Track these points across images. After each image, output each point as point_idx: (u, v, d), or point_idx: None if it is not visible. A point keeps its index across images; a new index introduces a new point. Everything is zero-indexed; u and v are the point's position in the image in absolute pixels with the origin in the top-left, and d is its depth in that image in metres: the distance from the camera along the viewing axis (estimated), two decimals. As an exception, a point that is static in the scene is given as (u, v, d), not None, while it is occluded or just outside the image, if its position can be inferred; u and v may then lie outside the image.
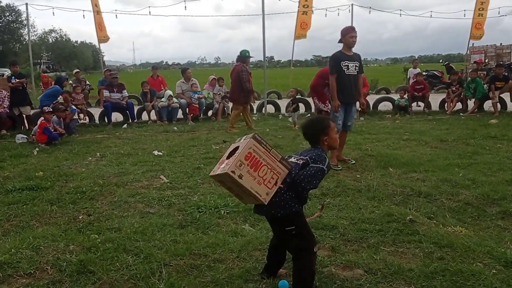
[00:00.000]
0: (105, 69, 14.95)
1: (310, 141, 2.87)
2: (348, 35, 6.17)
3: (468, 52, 17.98)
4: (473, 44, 17.67)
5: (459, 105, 12.21)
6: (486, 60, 18.91)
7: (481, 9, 15.53)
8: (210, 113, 12.20)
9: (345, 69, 6.17)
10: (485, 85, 11.82)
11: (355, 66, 6.24)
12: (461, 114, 11.52)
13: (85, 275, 3.09)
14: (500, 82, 11.69)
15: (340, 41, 6.25)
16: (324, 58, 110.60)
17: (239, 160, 2.54)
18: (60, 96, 9.94)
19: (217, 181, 2.81)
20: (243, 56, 9.88)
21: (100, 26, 14.28)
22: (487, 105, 11.78)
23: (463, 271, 3.01)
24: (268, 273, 3.02)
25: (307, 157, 2.71)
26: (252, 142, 2.59)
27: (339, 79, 6.19)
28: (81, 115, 11.17)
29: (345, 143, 6.76)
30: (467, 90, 11.90)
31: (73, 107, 10.07)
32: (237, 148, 2.65)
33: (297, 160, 2.74)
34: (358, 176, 5.64)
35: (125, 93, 11.63)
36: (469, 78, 12.05)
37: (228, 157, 2.66)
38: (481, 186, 5.00)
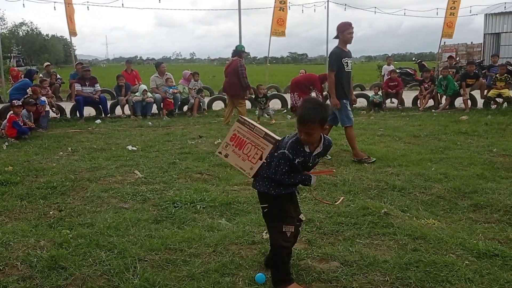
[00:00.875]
0: (77, 62, 14.62)
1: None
2: (346, 31, 6.07)
3: (439, 51, 18.37)
4: (444, 42, 18.10)
5: (431, 102, 12.45)
6: (457, 59, 19.38)
7: (453, 8, 15.88)
8: (185, 108, 12.08)
9: (345, 66, 6.09)
10: (457, 83, 12.09)
11: (351, 62, 6.22)
12: (433, 110, 11.75)
13: (57, 271, 3.01)
14: (470, 79, 11.98)
15: (336, 37, 6.15)
16: (300, 55, 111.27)
17: (225, 142, 2.90)
18: (30, 88, 9.64)
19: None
20: (239, 51, 9.84)
21: (71, 19, 13.94)
22: (458, 102, 12.05)
23: (436, 262, 3.06)
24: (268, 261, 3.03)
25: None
26: (236, 124, 2.88)
27: (339, 76, 6.09)
28: (53, 109, 10.85)
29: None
30: (439, 87, 12.15)
31: (42, 98, 9.77)
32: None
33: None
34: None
35: (98, 87, 11.38)
36: (441, 76, 12.30)
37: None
38: (453, 180, 5.11)
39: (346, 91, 6.21)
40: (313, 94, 11.62)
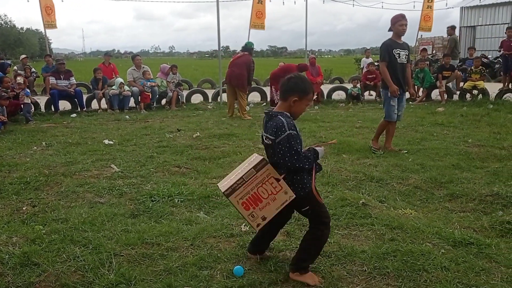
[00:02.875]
0: (46, 55, 14.28)
1: (281, 92, 2.74)
2: (398, 23, 5.97)
3: (416, 44, 18.56)
4: (421, 36, 18.26)
5: (407, 94, 12.56)
6: (434, 52, 19.63)
7: (429, 0, 16.03)
8: (163, 101, 11.92)
9: (397, 57, 5.98)
10: (433, 75, 12.25)
11: (406, 54, 6.08)
12: (410, 102, 11.86)
13: (29, 268, 2.93)
14: (447, 71, 12.15)
15: (390, 30, 6.07)
16: (279, 48, 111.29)
17: (248, 216, 2.68)
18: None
19: None
20: (249, 48, 10.22)
21: (46, 10, 13.56)
22: (435, 94, 12.22)
23: (413, 251, 3.09)
24: (255, 248, 3.03)
25: (271, 136, 2.63)
26: (232, 198, 2.65)
27: (392, 67, 6.00)
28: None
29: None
30: (415, 79, 12.27)
31: (27, 90, 9.57)
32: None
33: (266, 140, 2.72)
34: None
35: (73, 80, 11.12)
36: (418, 68, 12.44)
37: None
38: (429, 170, 5.17)
39: (402, 84, 6.11)
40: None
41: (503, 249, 3.16)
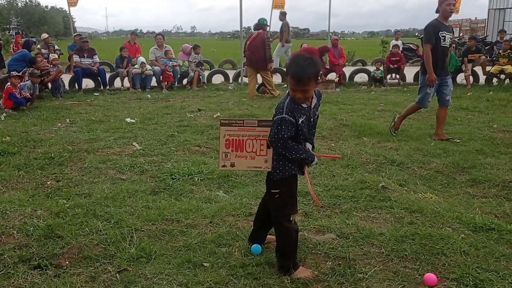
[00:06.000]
0: (75, 34, 14.39)
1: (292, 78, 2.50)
2: (445, 2, 5.54)
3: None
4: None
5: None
6: (461, 34, 19.09)
7: (458, -19, 15.50)
8: (185, 81, 11.96)
9: (442, 40, 5.60)
10: (459, 59, 11.94)
11: (450, 38, 5.73)
12: (434, 86, 11.63)
13: (53, 240, 3.02)
14: (472, 54, 11.82)
15: (437, 11, 5.70)
16: (301, 30, 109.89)
17: (222, 153, 2.67)
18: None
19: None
20: (262, 24, 10.17)
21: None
22: (460, 77, 11.93)
23: (432, 235, 3.07)
24: (255, 239, 2.95)
25: (274, 112, 2.60)
26: (223, 129, 2.64)
27: (434, 50, 5.63)
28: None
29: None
30: (441, 63, 12.00)
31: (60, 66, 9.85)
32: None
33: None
34: (332, 145, 5.65)
35: (96, 58, 11.24)
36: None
37: None
38: (452, 155, 5.09)
39: (440, 68, 5.72)
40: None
41: (525, 236, 3.10)
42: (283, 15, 14.30)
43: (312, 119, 2.62)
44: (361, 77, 12.92)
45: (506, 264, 2.73)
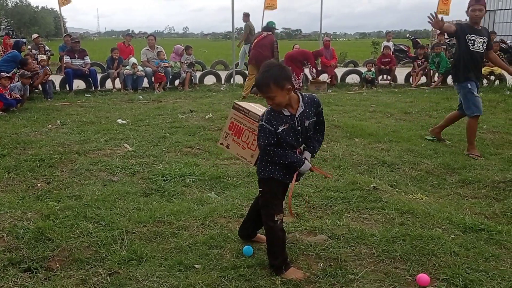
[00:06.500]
0: (65, 34, 14.27)
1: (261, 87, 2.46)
2: (470, 8, 5.18)
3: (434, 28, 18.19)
4: (441, 18, 17.81)
5: (424, 79, 12.41)
6: (451, 36, 19.15)
7: (448, -17, 15.62)
8: (177, 82, 11.93)
9: (470, 44, 5.18)
10: (449, 60, 12.03)
11: (483, 42, 5.23)
12: (425, 87, 11.73)
13: (43, 242, 3.00)
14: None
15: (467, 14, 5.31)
16: (294, 31, 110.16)
17: (225, 132, 2.84)
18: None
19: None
20: (271, 27, 10.33)
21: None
22: (451, 79, 12.01)
23: (423, 235, 3.09)
24: (243, 232, 3.02)
25: None
26: (232, 111, 2.81)
27: (462, 54, 5.25)
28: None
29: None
30: (431, 64, 12.09)
31: (47, 67, 9.75)
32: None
33: None
34: (324, 146, 5.67)
35: (87, 59, 11.16)
36: (433, 53, 12.23)
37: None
38: (442, 156, 5.13)
39: (473, 72, 5.31)
40: (307, 70, 11.56)
41: (514, 236, 3.14)
42: (246, 16, 14.54)
43: (299, 128, 2.53)
44: (353, 78, 12.97)
45: (495, 264, 2.76)
